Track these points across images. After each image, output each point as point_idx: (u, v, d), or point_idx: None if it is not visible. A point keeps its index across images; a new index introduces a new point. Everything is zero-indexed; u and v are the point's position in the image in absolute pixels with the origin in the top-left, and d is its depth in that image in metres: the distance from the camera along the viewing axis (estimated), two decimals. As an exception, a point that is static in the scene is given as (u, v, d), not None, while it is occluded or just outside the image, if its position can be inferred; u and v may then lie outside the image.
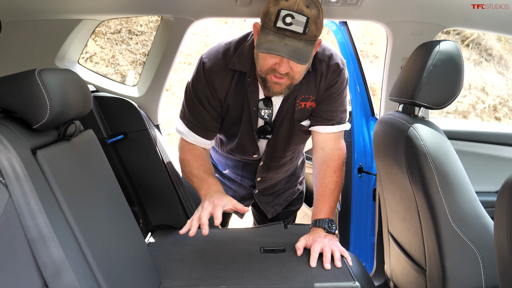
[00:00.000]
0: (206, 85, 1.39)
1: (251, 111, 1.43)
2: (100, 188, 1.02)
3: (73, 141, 0.98)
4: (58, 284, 0.75)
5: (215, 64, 1.38)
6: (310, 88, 1.43)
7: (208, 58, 1.40)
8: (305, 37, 1.18)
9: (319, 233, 1.39)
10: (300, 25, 1.16)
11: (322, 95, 1.45)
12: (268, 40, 1.18)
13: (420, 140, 1.18)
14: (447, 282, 1.20)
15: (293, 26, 1.16)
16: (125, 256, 1.02)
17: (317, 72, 1.41)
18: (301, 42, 1.18)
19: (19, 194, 0.72)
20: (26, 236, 0.72)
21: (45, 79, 0.83)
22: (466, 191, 1.17)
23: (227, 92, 1.41)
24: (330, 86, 1.44)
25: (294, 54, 1.17)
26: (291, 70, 1.26)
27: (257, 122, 1.46)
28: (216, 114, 1.45)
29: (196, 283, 1.20)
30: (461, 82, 1.24)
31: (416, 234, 1.33)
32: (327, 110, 1.47)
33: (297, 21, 1.15)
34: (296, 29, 1.16)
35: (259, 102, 1.42)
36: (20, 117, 0.84)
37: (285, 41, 1.17)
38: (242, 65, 1.37)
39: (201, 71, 1.39)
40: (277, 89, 1.30)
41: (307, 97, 1.45)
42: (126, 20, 5.77)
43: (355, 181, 2.08)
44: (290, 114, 1.47)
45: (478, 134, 2.00)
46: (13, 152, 0.73)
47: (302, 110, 1.47)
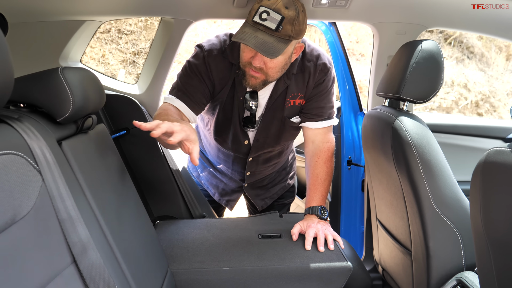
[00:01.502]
0: (203, 63, 1.45)
1: (237, 100, 1.51)
2: (114, 177, 1.11)
3: (89, 134, 1.06)
4: (85, 260, 0.83)
5: (213, 48, 1.45)
6: (298, 86, 1.52)
7: (207, 44, 1.47)
8: (277, 34, 1.26)
9: (313, 220, 1.49)
10: (273, 22, 1.24)
11: (310, 92, 1.54)
12: (243, 31, 1.27)
13: (405, 131, 1.29)
14: (430, 261, 1.31)
15: (267, 22, 1.24)
16: (138, 240, 1.10)
17: (305, 71, 1.50)
18: (272, 38, 1.26)
19: (50, 180, 0.80)
20: (57, 217, 0.80)
21: (67, 77, 0.92)
22: (447, 177, 1.28)
23: (220, 77, 1.47)
24: (318, 84, 1.53)
25: (261, 46, 1.24)
26: (264, 66, 1.34)
27: (243, 111, 1.54)
28: (206, 90, 1.48)
29: (200, 266, 1.29)
30: (441, 78, 1.35)
31: (402, 218, 1.44)
32: (316, 107, 1.56)
33: (271, 18, 1.24)
34: (268, 25, 1.25)
35: (246, 94, 1.50)
36: (45, 111, 0.92)
37: (257, 34, 1.25)
38: (233, 57, 1.45)
39: (201, 53, 1.46)
40: (253, 82, 1.39)
41: (296, 95, 1.54)
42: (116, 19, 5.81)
43: (344, 173, 2.19)
44: (280, 111, 1.56)
45: (459, 127, 2.13)
46: (43, 141, 0.82)
47: (292, 107, 1.56)
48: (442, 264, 1.30)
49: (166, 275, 1.20)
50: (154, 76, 1.78)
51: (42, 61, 1.67)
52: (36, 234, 0.74)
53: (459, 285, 1.25)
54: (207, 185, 1.92)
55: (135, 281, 0.98)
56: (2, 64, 0.66)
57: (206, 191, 1.94)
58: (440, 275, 1.30)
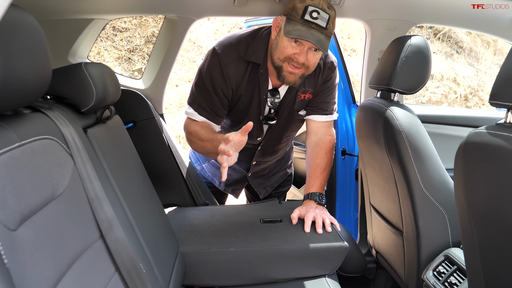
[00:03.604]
0: (220, 74, 1.50)
1: (261, 99, 1.58)
2: (130, 164, 1.20)
3: (108, 124, 1.15)
4: (111, 235, 0.93)
5: (229, 54, 1.50)
6: (309, 82, 1.62)
7: (222, 49, 1.51)
8: (326, 31, 1.37)
9: (311, 205, 1.59)
10: (324, 20, 1.35)
11: (319, 88, 1.64)
12: (297, 29, 1.35)
13: (396, 120, 1.39)
14: (420, 239, 1.42)
15: (318, 20, 1.34)
16: (153, 221, 1.20)
17: (315, 68, 1.58)
18: (323, 35, 1.36)
19: (80, 163, 0.89)
20: (87, 196, 0.90)
21: (90, 71, 1.01)
22: (435, 161, 1.39)
23: (240, 81, 1.53)
24: (326, 81, 1.64)
25: (319, 43, 1.35)
26: (307, 61, 1.42)
27: (264, 109, 1.63)
28: (226, 101, 1.56)
29: (208, 247, 1.39)
30: (429, 70, 1.45)
31: (394, 201, 1.54)
32: (322, 102, 1.67)
33: (321, 17, 1.34)
34: (320, 23, 1.35)
35: (268, 92, 1.58)
36: (71, 102, 1.01)
37: (312, 32, 1.35)
38: (257, 56, 1.51)
39: (217, 61, 1.50)
40: (291, 78, 1.46)
41: (307, 90, 1.63)
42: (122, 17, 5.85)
43: (339, 163, 2.29)
44: (291, 105, 1.65)
45: (447, 117, 2.23)
46: (72, 129, 0.91)
47: (301, 101, 1.66)
48: (431, 242, 1.41)
49: (177, 255, 1.30)
50: (158, 71, 1.87)
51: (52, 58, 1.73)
52: (70, 210, 0.83)
53: (446, 260, 1.36)
54: (211, 177, 2.00)
55: (153, 257, 1.08)
56: (43, 60, 0.76)
57: (211, 183, 2.01)
58: (429, 252, 1.41)
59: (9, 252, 0.60)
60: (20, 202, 0.65)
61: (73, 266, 0.77)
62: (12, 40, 0.67)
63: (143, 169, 1.31)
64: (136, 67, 5.76)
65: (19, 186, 0.66)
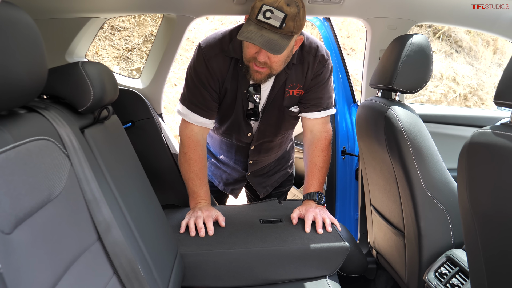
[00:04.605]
0: (205, 68, 1.51)
1: (241, 93, 1.57)
2: (128, 164, 1.18)
3: (105, 124, 1.14)
4: (109, 237, 0.91)
5: (212, 49, 1.50)
6: (297, 77, 1.58)
7: (206, 44, 1.52)
8: (281, 31, 1.32)
9: (311, 204, 1.58)
10: (277, 20, 1.30)
11: (309, 83, 1.60)
12: (248, 30, 1.32)
13: (397, 120, 1.38)
14: (422, 240, 1.41)
15: (271, 20, 1.30)
16: (152, 222, 1.18)
17: (304, 62, 1.56)
18: (277, 35, 1.32)
19: (77, 164, 0.88)
20: (84, 197, 0.88)
21: (87, 70, 0.99)
22: (436, 161, 1.37)
23: (225, 75, 1.53)
24: (316, 75, 1.59)
25: (267, 44, 1.31)
26: (269, 60, 1.40)
27: (247, 104, 1.61)
28: (215, 94, 1.56)
29: (207, 248, 1.37)
30: (430, 70, 1.44)
31: (395, 201, 1.53)
32: (314, 98, 1.62)
33: (275, 16, 1.30)
34: (273, 23, 1.30)
35: (250, 87, 1.55)
36: (68, 102, 0.99)
37: (262, 32, 1.31)
38: (236, 52, 1.50)
39: (201, 56, 1.51)
40: (257, 77, 1.45)
41: (295, 85, 1.59)
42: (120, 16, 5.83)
43: (339, 163, 2.28)
44: (280, 101, 1.62)
45: (448, 117, 2.22)
46: (69, 129, 0.89)
47: (291, 97, 1.62)
48: (432, 243, 1.40)
49: (176, 257, 1.28)
50: (157, 70, 1.85)
51: (50, 57, 1.71)
52: (67, 212, 0.81)
53: (448, 261, 1.35)
54: (211, 176, 1.99)
55: (152, 259, 1.06)
56: (39, 59, 0.74)
57: (211, 182, 2.00)
58: (431, 253, 1.40)
59: (3, 256, 0.58)
60: (15, 204, 0.64)
61: (70, 270, 0.76)
62: (6, 38, 0.65)
63: (142, 170, 1.29)
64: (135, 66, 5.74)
65: (14, 188, 0.65)
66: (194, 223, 1.47)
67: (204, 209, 1.52)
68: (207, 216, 1.50)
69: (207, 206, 1.56)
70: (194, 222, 1.48)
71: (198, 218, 1.48)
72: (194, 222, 1.47)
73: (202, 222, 1.47)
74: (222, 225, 1.50)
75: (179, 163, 1.64)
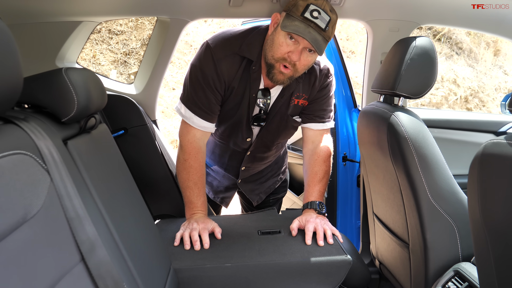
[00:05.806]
0: (213, 69, 1.44)
1: (250, 97, 1.52)
2: (117, 176, 1.12)
3: (92, 133, 1.07)
4: (94, 258, 0.84)
5: (223, 49, 1.44)
6: (304, 88, 1.56)
7: (216, 44, 1.44)
8: (324, 33, 1.31)
9: (311, 214, 1.51)
10: (323, 21, 1.30)
11: (315, 95, 1.58)
12: (295, 25, 1.30)
13: (401, 127, 1.32)
14: (428, 252, 1.34)
15: (318, 20, 1.29)
16: (142, 237, 1.12)
17: (311, 74, 1.54)
18: (320, 36, 1.31)
19: (58, 179, 0.81)
20: (66, 215, 0.81)
21: (71, 77, 0.92)
22: (443, 170, 1.31)
23: (233, 77, 1.47)
24: (322, 88, 1.58)
25: (315, 42, 1.30)
26: (299, 61, 1.37)
27: (253, 108, 1.56)
28: (220, 97, 1.50)
29: (202, 263, 1.30)
30: (435, 73, 1.38)
31: (399, 212, 1.47)
32: (318, 109, 1.61)
33: (322, 17, 1.29)
34: (320, 24, 1.29)
35: (259, 91, 1.51)
36: (50, 112, 0.93)
37: (309, 30, 1.30)
38: (251, 52, 1.45)
39: (210, 56, 1.44)
40: (280, 77, 1.40)
41: (301, 95, 1.57)
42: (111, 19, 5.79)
43: (340, 169, 2.22)
44: (284, 109, 1.58)
45: (451, 121, 2.16)
46: (50, 141, 0.82)
47: (295, 106, 1.59)
48: (439, 256, 1.33)
49: (169, 273, 1.22)
50: (151, 76, 1.79)
51: (39, 62, 1.67)
52: (46, 233, 0.75)
53: (456, 275, 1.28)
54: None
55: (141, 278, 0.99)
56: (13, 66, 0.68)
57: None
58: (438, 266, 1.33)
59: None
60: (-19, 229, 0.57)
61: (49, 296, 0.69)
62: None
63: (132, 181, 1.22)
64: (132, 70, 5.68)
65: (-19, 210, 0.58)
66: (189, 235, 1.41)
67: (200, 221, 1.46)
68: (203, 228, 1.43)
69: (203, 218, 1.49)
70: (189, 234, 1.41)
71: (194, 230, 1.42)
72: (189, 235, 1.41)
73: (198, 235, 1.41)
74: (218, 237, 1.44)
75: (177, 171, 1.56)
